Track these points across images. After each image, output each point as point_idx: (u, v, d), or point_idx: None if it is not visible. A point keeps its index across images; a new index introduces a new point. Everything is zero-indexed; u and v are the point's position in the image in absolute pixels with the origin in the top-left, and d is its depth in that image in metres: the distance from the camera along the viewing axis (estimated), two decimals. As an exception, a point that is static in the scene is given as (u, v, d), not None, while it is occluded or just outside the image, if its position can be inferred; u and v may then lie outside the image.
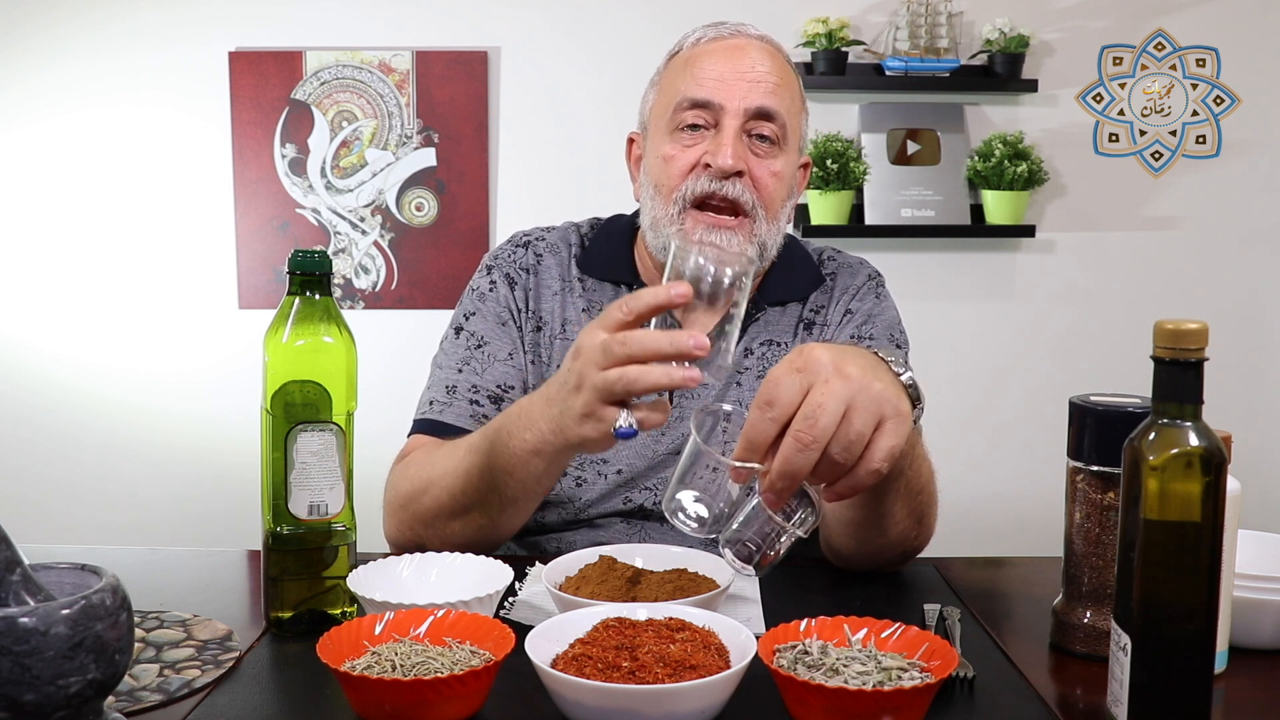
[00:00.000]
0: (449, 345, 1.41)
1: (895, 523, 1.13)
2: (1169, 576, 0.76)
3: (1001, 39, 2.74)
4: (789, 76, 1.36)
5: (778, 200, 1.34)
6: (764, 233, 1.33)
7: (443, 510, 1.21)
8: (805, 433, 0.87)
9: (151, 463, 2.87)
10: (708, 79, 1.31)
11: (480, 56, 2.80)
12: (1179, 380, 0.76)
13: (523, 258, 1.43)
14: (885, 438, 0.89)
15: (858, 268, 1.46)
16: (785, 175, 1.34)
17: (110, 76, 2.79)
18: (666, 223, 1.33)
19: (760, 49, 1.35)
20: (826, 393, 0.87)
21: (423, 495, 1.23)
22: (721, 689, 0.80)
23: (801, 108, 1.40)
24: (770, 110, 1.31)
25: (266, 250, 2.83)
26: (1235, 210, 2.90)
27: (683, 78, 1.34)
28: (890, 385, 0.91)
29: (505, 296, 1.40)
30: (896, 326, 1.43)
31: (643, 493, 1.34)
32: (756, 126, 1.31)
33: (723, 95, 1.30)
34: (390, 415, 1.50)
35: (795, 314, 1.42)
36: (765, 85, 1.31)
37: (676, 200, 1.32)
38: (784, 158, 1.34)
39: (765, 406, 0.89)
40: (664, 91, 1.37)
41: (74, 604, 0.69)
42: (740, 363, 1.38)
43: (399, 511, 1.27)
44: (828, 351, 0.90)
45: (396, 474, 1.31)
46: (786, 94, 1.34)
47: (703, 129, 1.32)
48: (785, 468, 0.87)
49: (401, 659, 0.84)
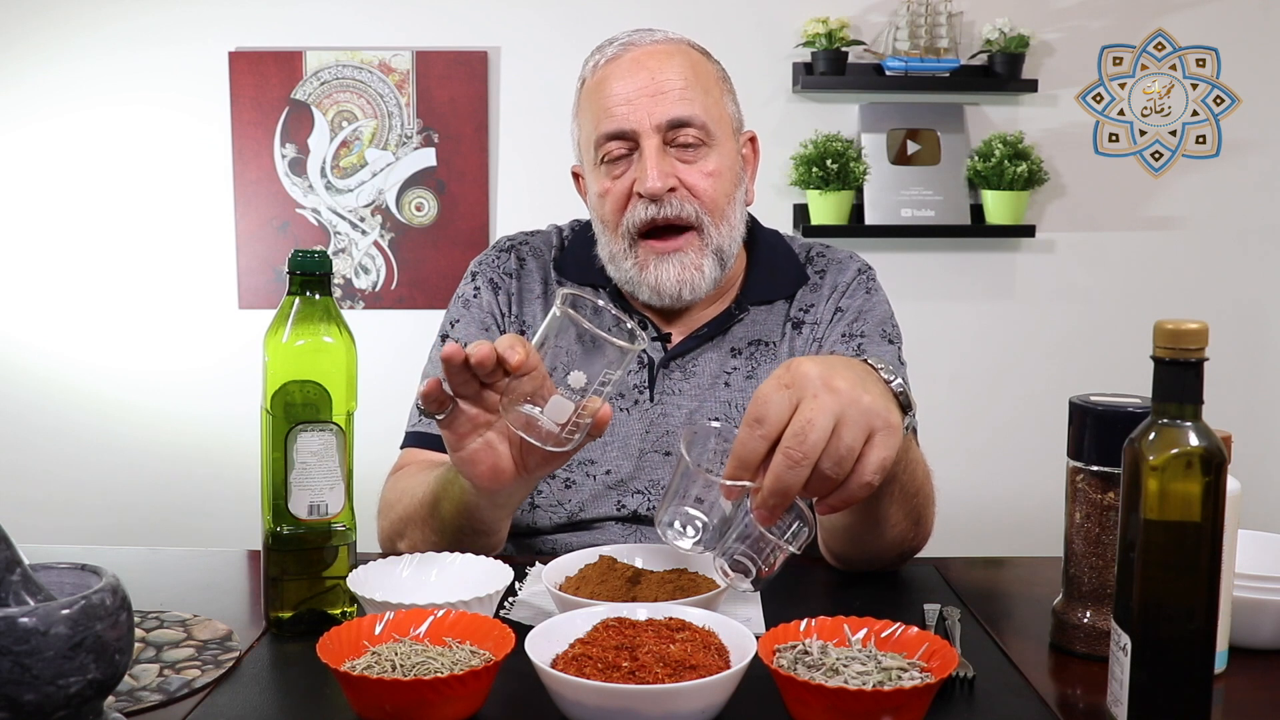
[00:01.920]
0: (434, 353, 1.44)
1: (892, 526, 1.12)
2: (1169, 576, 0.76)
3: (1001, 39, 2.74)
4: (697, 71, 1.34)
5: (721, 199, 1.33)
6: (716, 238, 1.33)
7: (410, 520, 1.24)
8: (795, 449, 0.86)
9: (151, 463, 2.87)
10: (616, 107, 1.31)
11: (480, 56, 2.80)
12: (1179, 380, 0.76)
13: (506, 262, 1.45)
14: (876, 450, 0.89)
15: (847, 263, 1.45)
16: (723, 170, 1.34)
17: (110, 76, 2.79)
18: (621, 257, 1.35)
19: (657, 55, 1.33)
20: (815, 408, 0.87)
21: (397, 504, 1.27)
22: (721, 689, 0.80)
23: (721, 91, 1.37)
24: (683, 118, 1.30)
25: (266, 250, 2.83)
26: (1235, 210, 2.90)
27: (594, 108, 1.34)
28: (880, 396, 0.91)
29: (489, 302, 1.42)
30: (888, 321, 1.41)
31: (635, 497, 1.34)
32: (676, 136, 1.31)
33: (633, 119, 1.30)
34: (390, 415, 1.50)
35: (782, 312, 1.41)
36: (671, 94, 1.30)
37: (623, 235, 1.33)
38: (716, 153, 1.33)
39: (754, 424, 0.88)
40: (583, 125, 1.38)
41: (74, 604, 0.69)
42: (727, 363, 1.38)
43: (381, 519, 1.32)
44: (816, 365, 0.89)
45: (387, 483, 1.35)
46: (698, 91, 1.32)
47: (627, 156, 1.32)
48: (776, 485, 0.87)
49: (401, 659, 0.84)
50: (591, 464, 1.35)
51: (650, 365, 1.38)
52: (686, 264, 1.32)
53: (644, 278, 1.33)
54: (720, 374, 1.38)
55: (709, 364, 1.38)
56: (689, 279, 1.33)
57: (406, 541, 1.24)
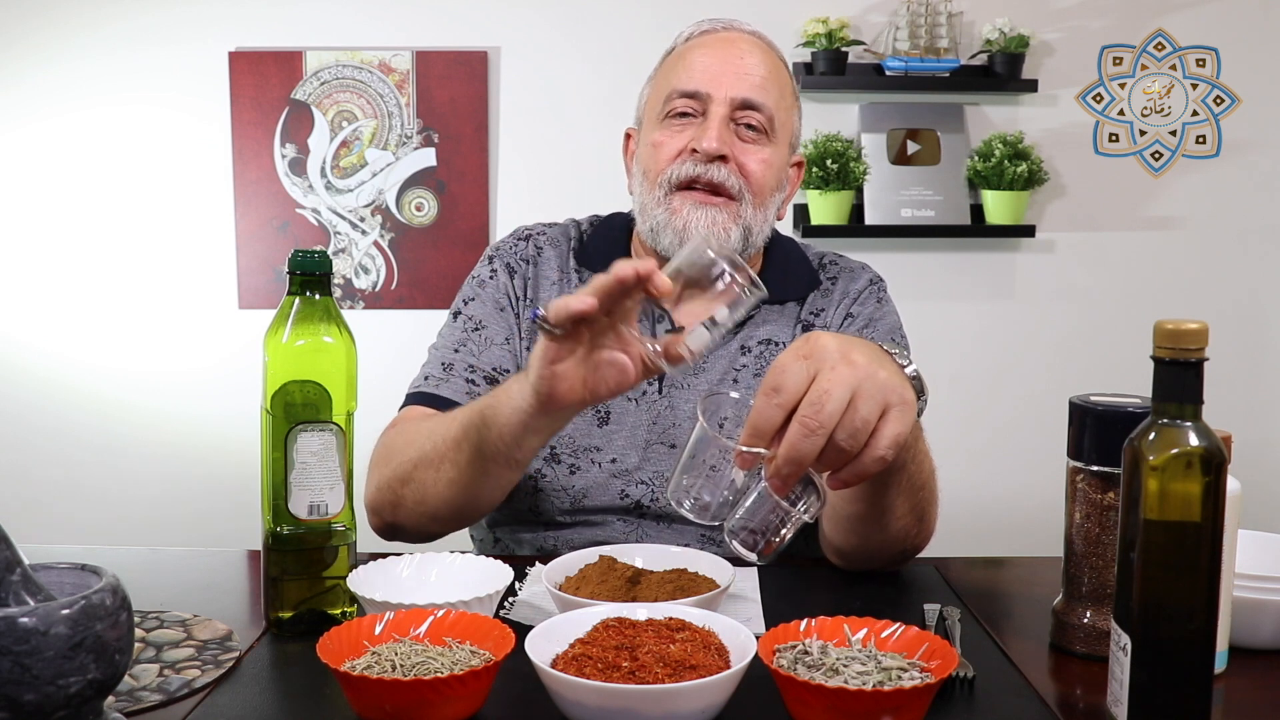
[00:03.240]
0: (446, 329, 1.43)
1: (897, 518, 1.13)
2: (1169, 576, 0.76)
3: (1001, 39, 2.73)
4: (779, 73, 1.39)
5: (766, 188, 1.36)
6: (749, 216, 1.35)
7: (424, 459, 1.21)
8: (811, 418, 0.87)
9: (151, 463, 2.87)
10: (697, 70, 1.35)
11: (480, 56, 2.80)
12: (1179, 380, 0.76)
13: (523, 249, 1.46)
14: (890, 425, 0.89)
15: (859, 272, 1.47)
16: (774, 164, 1.36)
17: (110, 76, 2.79)
18: (654, 205, 1.35)
19: (750, 43, 1.38)
20: (833, 379, 0.87)
21: (407, 448, 1.24)
22: (721, 689, 0.80)
23: (793, 104, 1.41)
24: (756, 102, 1.34)
25: (266, 250, 2.83)
26: (1235, 210, 2.89)
27: (674, 71, 1.38)
28: (895, 374, 0.92)
29: (505, 284, 1.43)
30: (898, 331, 1.43)
31: (639, 488, 1.34)
32: (744, 116, 1.34)
33: (710, 85, 1.34)
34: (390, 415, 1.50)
35: (793, 314, 1.42)
36: (753, 78, 1.34)
37: (662, 184, 1.35)
38: (772, 148, 1.36)
39: (771, 393, 0.89)
40: (657, 86, 1.41)
41: (74, 604, 0.69)
42: (736, 360, 1.38)
43: (380, 467, 1.28)
44: (834, 339, 0.91)
45: (385, 436, 1.32)
46: (775, 88, 1.36)
47: (691, 117, 1.35)
48: (791, 453, 0.88)
49: (401, 659, 0.84)
50: (597, 450, 1.35)
51: None
52: (718, 220, 1.33)
53: (672, 221, 1.34)
54: (729, 370, 1.38)
55: (718, 360, 1.39)
56: (716, 234, 1.33)
57: (414, 486, 1.22)
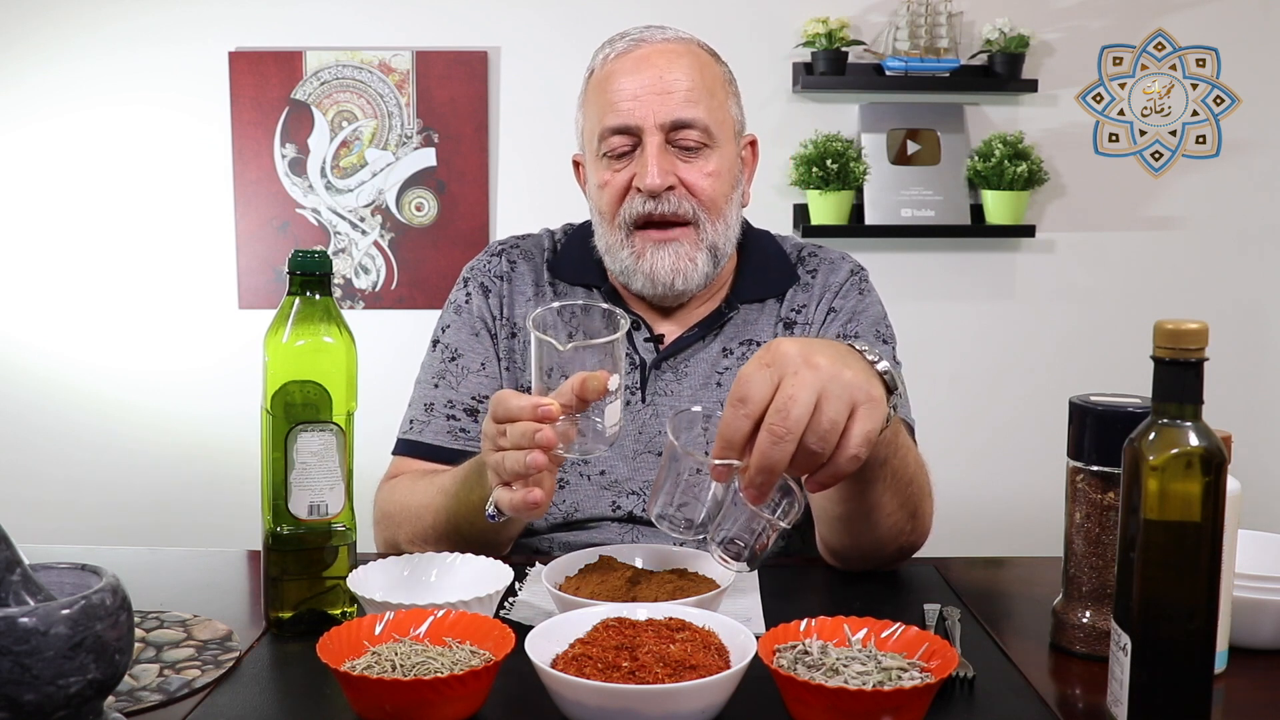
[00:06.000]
0: (427, 358, 1.46)
1: (886, 515, 1.13)
2: (1169, 576, 0.76)
3: (1001, 39, 2.73)
4: (705, 73, 1.35)
5: (719, 198, 1.35)
6: (711, 234, 1.35)
7: (420, 537, 1.27)
8: (779, 425, 0.87)
9: (151, 463, 2.87)
10: (621, 102, 1.32)
11: (480, 56, 2.80)
12: (1179, 380, 0.76)
13: (496, 266, 1.47)
14: (859, 423, 0.90)
15: (839, 263, 1.46)
16: (722, 171, 1.35)
17: (110, 76, 2.79)
18: (618, 247, 1.36)
19: (668, 54, 1.34)
20: (797, 384, 0.88)
21: (402, 526, 1.30)
22: (721, 689, 0.80)
23: (727, 95, 1.38)
24: (687, 120, 1.31)
25: (266, 250, 2.83)
26: (1235, 210, 2.89)
27: (600, 101, 1.35)
28: (861, 372, 0.92)
29: (479, 307, 1.44)
30: (882, 322, 1.42)
31: (630, 498, 1.35)
32: (679, 138, 1.32)
33: (638, 116, 1.31)
34: (390, 415, 1.50)
35: (774, 312, 1.42)
36: (677, 95, 1.31)
37: (620, 225, 1.35)
38: (716, 155, 1.34)
39: (738, 403, 0.89)
40: (588, 116, 1.39)
41: (74, 604, 0.69)
42: (719, 363, 1.39)
43: (382, 530, 1.35)
44: (795, 344, 0.91)
45: (382, 495, 1.36)
46: (704, 94, 1.33)
47: (629, 152, 1.34)
48: (763, 462, 0.88)
49: (401, 659, 0.84)
50: (585, 464, 1.35)
51: (642, 366, 1.38)
52: (681, 254, 1.34)
53: (640, 266, 1.35)
54: (712, 374, 1.38)
55: (701, 364, 1.38)
56: (682, 268, 1.34)
57: (420, 548, 1.26)
